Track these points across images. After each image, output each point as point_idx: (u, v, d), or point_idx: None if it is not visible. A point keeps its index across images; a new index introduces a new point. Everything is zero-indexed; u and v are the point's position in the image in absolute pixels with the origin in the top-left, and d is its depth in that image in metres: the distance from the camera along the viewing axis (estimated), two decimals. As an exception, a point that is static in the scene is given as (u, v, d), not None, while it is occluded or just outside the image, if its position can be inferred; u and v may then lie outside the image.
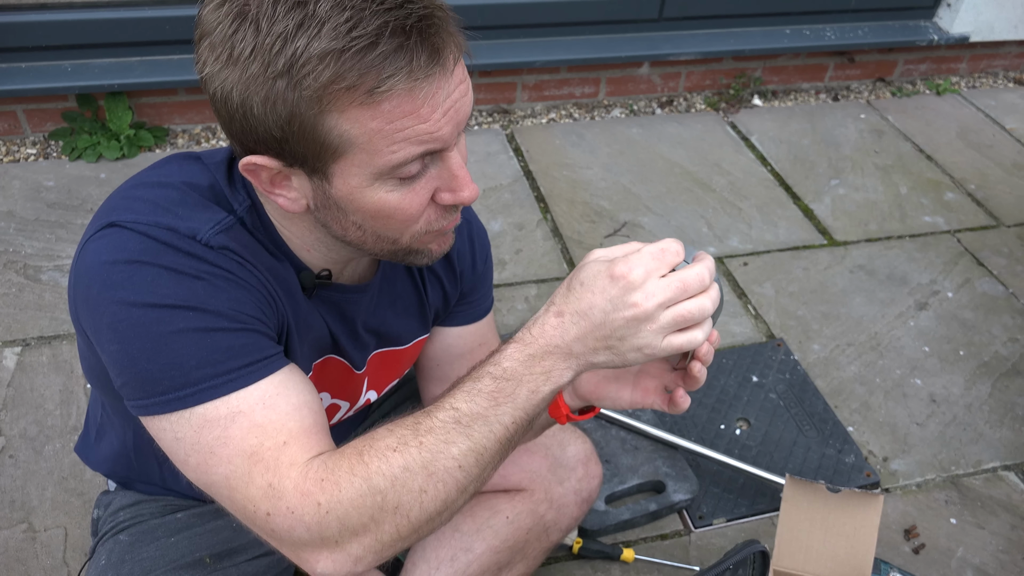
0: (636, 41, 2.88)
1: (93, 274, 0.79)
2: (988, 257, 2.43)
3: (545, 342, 0.77)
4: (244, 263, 0.82)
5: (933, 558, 1.63)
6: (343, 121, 0.72)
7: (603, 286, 0.75)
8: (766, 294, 2.23)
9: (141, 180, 0.87)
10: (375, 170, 0.75)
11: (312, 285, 0.91)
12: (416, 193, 0.79)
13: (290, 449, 0.77)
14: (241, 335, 0.79)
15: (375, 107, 0.71)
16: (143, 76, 2.43)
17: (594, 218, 2.44)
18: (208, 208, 0.83)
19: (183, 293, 0.77)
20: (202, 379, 0.77)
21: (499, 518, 1.18)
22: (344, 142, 0.74)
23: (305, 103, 0.71)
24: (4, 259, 2.11)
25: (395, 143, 0.73)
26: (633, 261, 0.74)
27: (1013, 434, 1.90)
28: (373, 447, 0.77)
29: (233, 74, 0.72)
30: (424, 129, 0.74)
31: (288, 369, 0.83)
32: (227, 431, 0.77)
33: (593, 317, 0.75)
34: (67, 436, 1.70)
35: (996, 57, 3.38)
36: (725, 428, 1.83)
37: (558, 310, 0.78)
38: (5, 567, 1.48)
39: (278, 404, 0.79)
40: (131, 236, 0.78)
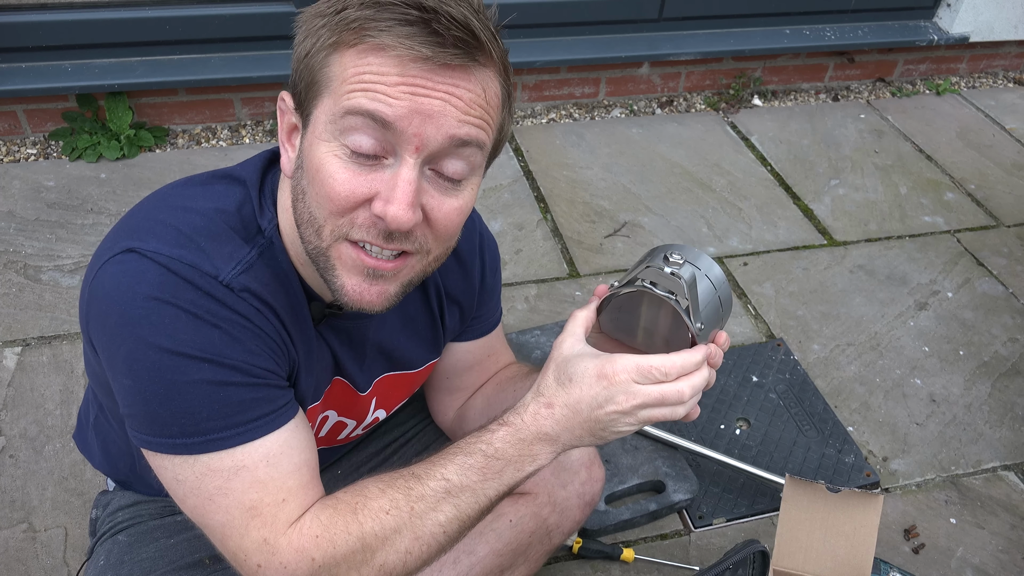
0: (636, 41, 2.88)
1: (111, 303, 0.78)
2: (988, 257, 2.43)
3: (536, 430, 0.84)
4: (262, 308, 0.83)
5: (933, 558, 1.63)
6: (335, 62, 0.76)
7: (591, 383, 0.82)
8: (766, 294, 2.23)
9: (168, 200, 0.87)
10: (331, 115, 0.76)
11: (322, 316, 0.92)
12: (354, 174, 0.77)
13: (288, 506, 0.82)
14: (252, 389, 0.81)
15: (359, 49, 0.75)
16: (143, 76, 2.43)
17: (594, 218, 2.44)
18: (232, 240, 0.83)
19: (201, 342, 0.78)
20: (211, 430, 0.79)
21: (502, 521, 1.18)
22: (326, 81, 0.77)
23: (325, 36, 0.76)
24: (4, 259, 2.11)
25: (353, 89, 0.75)
26: (619, 365, 0.82)
27: (1013, 434, 1.90)
28: (367, 507, 0.82)
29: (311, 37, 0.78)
30: (383, 90, 0.74)
31: (294, 423, 0.85)
32: (229, 483, 0.80)
33: (581, 410, 0.82)
34: (67, 436, 1.70)
35: (996, 57, 3.39)
36: (725, 428, 1.83)
37: (548, 401, 0.84)
38: (5, 567, 1.48)
39: (281, 463, 0.83)
40: (151, 267, 0.78)
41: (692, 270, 0.85)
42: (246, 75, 2.52)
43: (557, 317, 2.08)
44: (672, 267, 0.85)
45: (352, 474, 1.28)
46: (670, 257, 0.86)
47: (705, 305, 0.86)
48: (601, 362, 0.82)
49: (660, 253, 0.87)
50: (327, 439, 1.13)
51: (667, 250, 0.88)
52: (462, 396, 1.21)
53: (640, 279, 0.86)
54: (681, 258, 0.86)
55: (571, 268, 2.26)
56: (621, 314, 0.90)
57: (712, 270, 0.88)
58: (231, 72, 2.50)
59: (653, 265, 0.86)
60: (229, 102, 2.64)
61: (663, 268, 0.85)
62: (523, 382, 1.12)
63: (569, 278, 2.23)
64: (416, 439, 1.31)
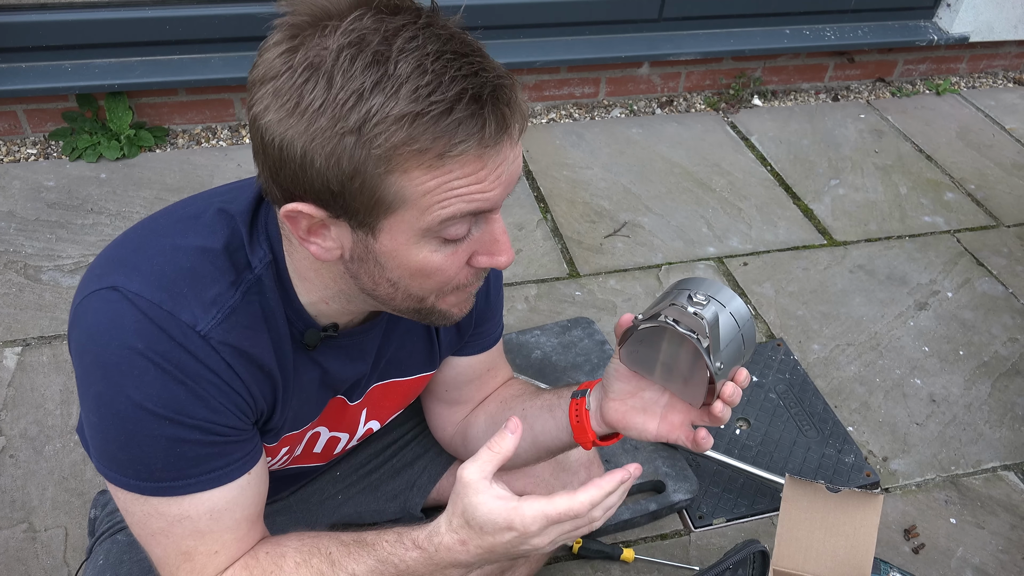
0: (636, 41, 2.88)
1: (88, 342, 0.80)
2: (988, 257, 2.43)
3: (450, 559, 0.84)
4: (235, 362, 0.83)
5: (933, 558, 1.63)
6: (404, 180, 0.71)
7: (502, 534, 0.80)
8: (766, 294, 2.23)
9: (159, 233, 0.86)
10: (423, 227, 0.75)
11: (316, 343, 0.91)
12: (458, 255, 0.80)
13: (219, 558, 0.87)
14: (209, 447, 0.83)
15: (440, 169, 0.71)
16: (143, 76, 2.43)
17: (594, 218, 2.44)
18: (217, 282, 0.82)
19: (166, 399, 0.79)
20: (163, 479, 0.82)
21: None
22: (399, 199, 0.73)
23: (373, 162, 0.70)
24: (4, 259, 2.11)
25: (448, 200, 0.73)
26: (528, 516, 0.79)
27: (1013, 434, 1.90)
28: None
29: (298, 125, 0.70)
30: (478, 189, 0.74)
31: (247, 478, 0.88)
32: (171, 527, 0.85)
33: (496, 550, 0.82)
34: (67, 436, 1.70)
35: (996, 57, 3.39)
36: (725, 428, 1.83)
37: (462, 539, 0.83)
38: (5, 567, 1.48)
39: (223, 518, 0.86)
40: (130, 312, 0.79)
41: (716, 309, 0.85)
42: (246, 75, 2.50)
43: (557, 317, 2.08)
44: (696, 307, 0.85)
45: (351, 475, 1.28)
46: (695, 297, 0.86)
47: (727, 344, 0.86)
48: (508, 512, 0.79)
49: (685, 291, 0.87)
50: (323, 455, 1.13)
51: (692, 288, 0.88)
52: (462, 410, 1.21)
53: (663, 315, 0.86)
54: (706, 298, 0.86)
55: (571, 268, 2.26)
56: (641, 347, 0.90)
57: (736, 307, 0.88)
58: (231, 72, 2.50)
59: (678, 303, 0.86)
60: (229, 102, 2.64)
61: (687, 308, 0.85)
62: (530, 402, 1.11)
63: (569, 278, 2.23)
64: (415, 442, 1.30)
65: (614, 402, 0.96)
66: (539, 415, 1.07)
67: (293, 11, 0.72)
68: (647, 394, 0.95)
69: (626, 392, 0.95)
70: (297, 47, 0.70)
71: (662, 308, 0.87)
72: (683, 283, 0.90)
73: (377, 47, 0.68)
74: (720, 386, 0.87)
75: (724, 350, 0.86)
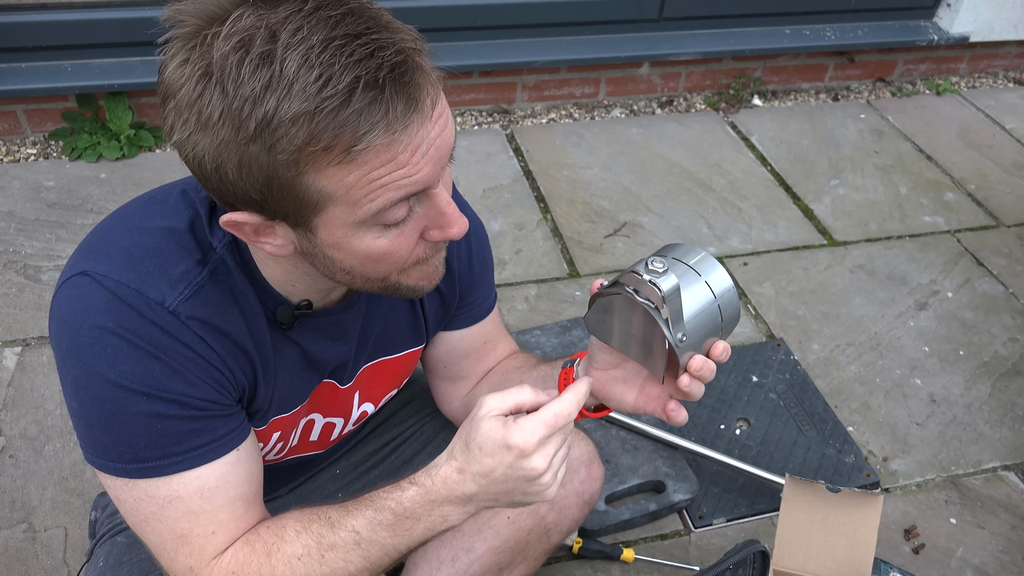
0: (636, 41, 2.88)
1: (63, 328, 0.81)
2: (988, 257, 2.43)
3: (446, 492, 0.83)
4: (207, 336, 0.82)
5: (933, 558, 1.63)
6: (321, 178, 0.70)
7: (500, 454, 0.81)
8: (766, 294, 2.23)
9: (126, 220, 0.87)
10: (358, 219, 0.74)
11: (291, 320, 0.91)
12: (404, 236, 0.78)
13: (216, 539, 0.85)
14: (191, 421, 0.83)
15: (353, 163, 0.69)
16: (143, 76, 2.43)
17: (594, 218, 2.44)
18: (183, 260, 0.82)
19: (141, 374, 0.79)
20: (148, 459, 0.82)
21: (500, 518, 1.18)
22: (324, 197, 0.71)
23: (282, 166, 0.68)
24: (4, 259, 2.11)
25: (374, 191, 0.71)
26: (528, 431, 0.80)
27: (1013, 434, 1.90)
28: (281, 550, 0.85)
29: (204, 139, 0.69)
30: (403, 174, 0.71)
31: (236, 454, 0.87)
32: (163, 510, 0.84)
33: (494, 477, 0.82)
34: (67, 436, 1.70)
35: (996, 57, 3.38)
36: (725, 428, 1.83)
37: (459, 467, 0.83)
38: (5, 567, 1.48)
39: (215, 496, 0.85)
40: (99, 293, 0.79)
41: (677, 280, 0.80)
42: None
43: (557, 317, 2.08)
44: (651, 275, 0.80)
45: (350, 473, 1.28)
46: (651, 264, 0.81)
47: (696, 314, 0.82)
48: (506, 429, 0.80)
49: (647, 257, 0.83)
50: (320, 443, 1.13)
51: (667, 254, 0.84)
52: (465, 384, 1.21)
53: (622, 283, 0.83)
54: (664, 265, 0.81)
55: (571, 268, 2.26)
56: (606, 315, 0.87)
57: (714, 275, 0.84)
58: (231, 72, 2.50)
59: (635, 270, 0.81)
60: (229, 102, 2.64)
61: (643, 275, 0.80)
62: (529, 373, 1.11)
63: (569, 278, 2.23)
64: (414, 438, 1.30)
65: (597, 372, 0.94)
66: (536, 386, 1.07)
67: (181, 21, 0.69)
68: (629, 365, 0.94)
69: (609, 363, 0.94)
70: (188, 59, 0.68)
71: (622, 276, 0.83)
72: (662, 249, 0.86)
73: (261, 47, 0.65)
74: (686, 359, 0.83)
75: (692, 320, 0.82)
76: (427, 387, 1.30)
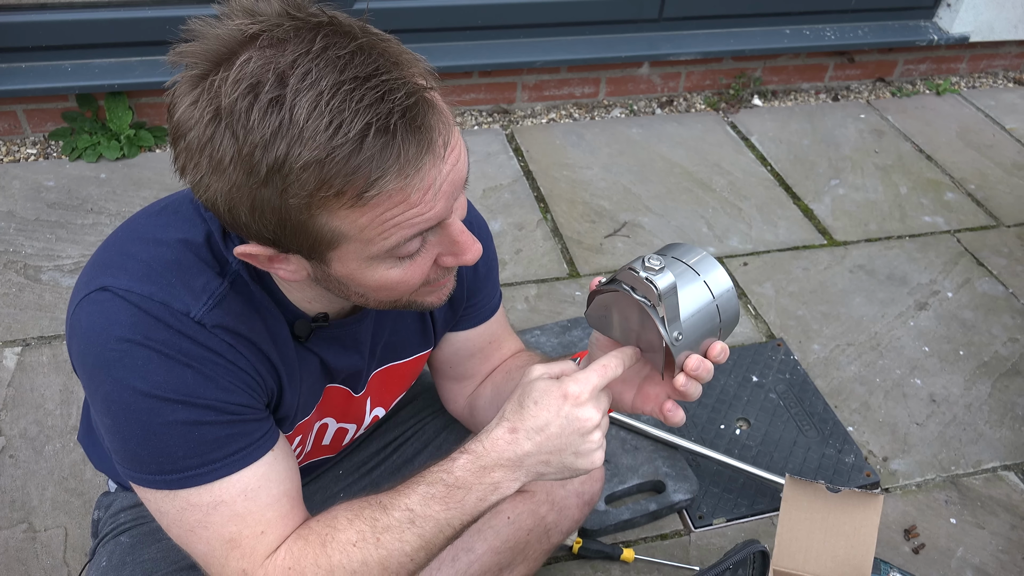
0: (636, 41, 2.88)
1: (88, 344, 0.80)
2: (988, 257, 2.43)
3: (497, 455, 0.83)
4: (235, 343, 0.83)
5: (933, 558, 1.63)
6: (334, 220, 0.70)
7: (556, 404, 0.82)
8: (766, 294, 2.23)
9: (139, 231, 0.86)
10: (371, 254, 0.74)
11: (308, 333, 0.92)
12: (418, 264, 0.79)
13: (267, 538, 0.84)
14: (227, 427, 0.82)
15: (366, 207, 0.69)
16: (143, 76, 2.43)
17: (594, 218, 2.44)
18: (203, 272, 0.82)
19: (174, 383, 0.79)
20: (188, 468, 0.81)
21: (500, 518, 1.18)
22: (337, 236, 0.72)
23: (294, 209, 0.69)
24: (4, 259, 2.11)
25: (387, 231, 0.72)
26: (582, 380, 0.83)
27: (1013, 434, 1.90)
28: (335, 539, 0.83)
29: (216, 182, 0.70)
30: (416, 212, 0.72)
31: (273, 453, 0.86)
32: (208, 517, 0.82)
33: (549, 432, 0.82)
34: (67, 436, 1.70)
35: (996, 57, 3.39)
36: (725, 428, 1.83)
37: (512, 426, 0.83)
38: (5, 567, 1.48)
39: (259, 496, 0.84)
40: (123, 307, 0.79)
41: (674, 278, 0.80)
42: (246, 75, 2.52)
43: (557, 317, 2.08)
44: (648, 272, 0.80)
45: (353, 473, 1.28)
46: (648, 261, 0.81)
47: (693, 313, 0.82)
48: (562, 381, 0.83)
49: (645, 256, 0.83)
50: (333, 447, 1.13)
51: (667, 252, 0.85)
52: (470, 384, 1.21)
53: (619, 280, 0.83)
54: (661, 262, 0.81)
55: (571, 268, 2.26)
56: (605, 311, 0.88)
57: (713, 275, 0.84)
58: (231, 72, 2.50)
59: (634, 267, 0.81)
60: (229, 102, 2.64)
61: (639, 272, 0.81)
62: None
63: (569, 278, 2.23)
64: (415, 438, 1.31)
65: None
66: None
67: (190, 60, 0.70)
68: None
69: None
70: (197, 101, 0.68)
71: (619, 273, 0.84)
72: (663, 248, 0.87)
73: (270, 93, 0.65)
74: (682, 358, 0.83)
75: (689, 320, 0.81)
76: (429, 387, 1.30)
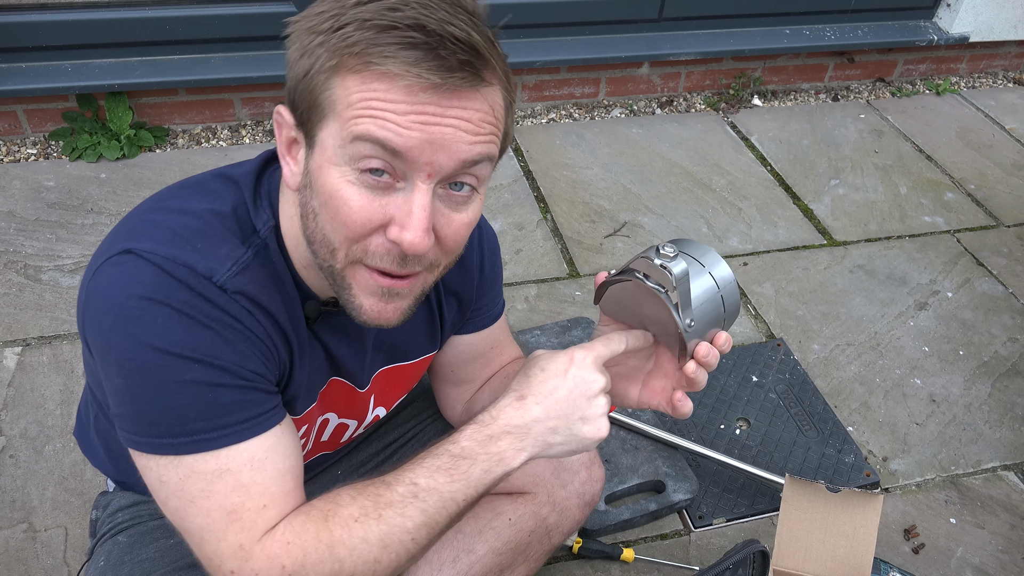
0: (636, 41, 2.88)
1: (106, 304, 0.79)
2: (988, 257, 2.43)
3: (504, 422, 0.83)
4: (254, 311, 0.83)
5: (933, 558, 1.63)
6: (339, 88, 0.74)
7: (564, 367, 0.85)
8: (766, 294, 2.23)
9: (163, 203, 0.87)
10: (340, 141, 0.75)
11: (316, 315, 0.92)
12: (368, 200, 0.77)
13: (268, 512, 0.82)
14: (241, 391, 0.82)
15: (364, 76, 0.73)
16: (143, 76, 2.43)
17: (594, 218, 2.45)
18: (228, 241, 0.83)
19: (192, 342, 0.78)
20: (198, 431, 0.80)
21: (501, 520, 1.18)
22: (329, 105, 0.75)
23: (323, 59, 0.74)
24: (4, 259, 2.11)
25: (363, 115, 0.74)
26: (587, 347, 0.87)
27: (1013, 434, 1.90)
28: (337, 514, 0.82)
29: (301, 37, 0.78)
30: (393, 119, 0.73)
31: (280, 427, 0.86)
32: (212, 485, 0.81)
33: (557, 397, 0.84)
34: (67, 436, 1.70)
35: (996, 57, 3.39)
36: (725, 428, 1.83)
37: (519, 394, 0.84)
38: (5, 567, 1.48)
39: (265, 468, 0.83)
40: (147, 268, 0.79)
41: (686, 265, 0.83)
42: (246, 75, 2.52)
43: (557, 317, 2.08)
44: (663, 259, 0.83)
45: (352, 475, 1.28)
46: (662, 249, 0.84)
47: (702, 302, 0.85)
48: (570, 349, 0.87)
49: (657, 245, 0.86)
50: (331, 443, 1.13)
51: (670, 242, 0.87)
52: (468, 389, 1.21)
53: (633, 269, 0.85)
54: (674, 251, 0.84)
55: (571, 268, 2.26)
56: (621, 301, 0.90)
57: (718, 268, 0.87)
58: (231, 72, 2.50)
59: (647, 256, 0.84)
60: (229, 102, 2.64)
61: (653, 260, 0.83)
62: None
63: (569, 278, 2.23)
64: (415, 439, 1.31)
65: None
66: None
67: None
68: (631, 361, 0.95)
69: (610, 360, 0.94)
70: None
71: (633, 262, 0.86)
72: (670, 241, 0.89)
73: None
74: (693, 346, 0.85)
75: (698, 308, 0.84)
76: (429, 389, 1.30)
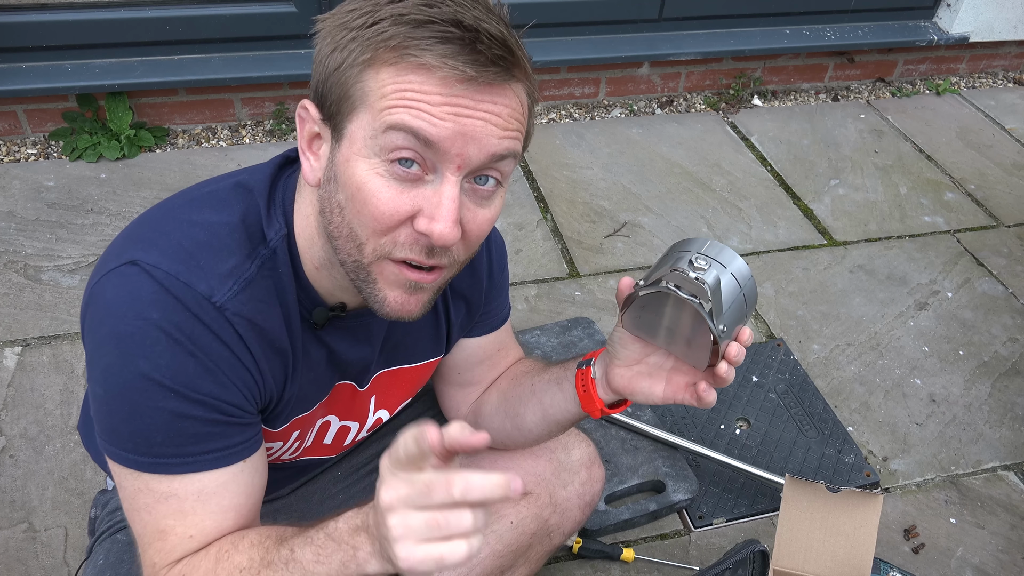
0: (636, 41, 2.88)
1: (106, 314, 0.81)
2: (988, 257, 2.43)
3: (364, 518, 0.74)
4: (248, 334, 0.84)
5: (933, 558, 1.63)
6: (372, 81, 0.75)
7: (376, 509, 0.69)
8: (766, 294, 2.23)
9: (176, 211, 0.88)
10: (373, 131, 0.76)
11: (324, 321, 0.93)
12: (397, 193, 0.77)
13: (191, 543, 0.85)
14: (211, 425, 0.83)
15: (399, 67, 0.74)
16: (143, 76, 2.43)
17: (594, 218, 2.44)
18: (234, 255, 0.84)
19: (174, 371, 0.80)
20: (161, 454, 0.82)
21: (503, 523, 1.18)
22: (361, 97, 0.76)
23: (358, 52, 0.76)
24: (4, 259, 2.11)
25: (396, 106, 0.74)
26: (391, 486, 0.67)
27: (1013, 434, 1.90)
28: (230, 559, 0.83)
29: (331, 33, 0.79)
30: (428, 109, 0.74)
31: (243, 464, 0.87)
32: (157, 504, 0.84)
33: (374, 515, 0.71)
34: (67, 436, 1.70)
35: (996, 57, 3.39)
36: (725, 428, 1.83)
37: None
38: (5, 567, 1.48)
39: (210, 501, 0.85)
40: (147, 284, 0.80)
41: (716, 272, 0.85)
42: (246, 75, 2.52)
43: (557, 317, 2.08)
44: (697, 272, 0.84)
45: (352, 475, 1.28)
46: (695, 261, 0.85)
47: (729, 305, 0.86)
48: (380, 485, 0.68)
49: (686, 255, 0.86)
50: (334, 447, 1.13)
51: (693, 250, 0.88)
52: (474, 391, 1.21)
53: (664, 280, 0.86)
54: (707, 262, 0.85)
55: (571, 268, 2.26)
56: (644, 313, 0.90)
57: (738, 266, 0.88)
58: (231, 72, 2.50)
59: (679, 268, 0.85)
60: (229, 102, 2.64)
61: (688, 272, 0.84)
62: (540, 376, 1.12)
63: (569, 278, 2.23)
64: None
65: (620, 368, 0.96)
66: (548, 388, 1.08)
67: None
68: (652, 359, 0.95)
69: (632, 358, 0.95)
70: None
71: (663, 273, 0.86)
72: (683, 244, 0.89)
73: None
74: (724, 347, 0.87)
75: (727, 312, 0.86)
76: (430, 391, 1.30)
